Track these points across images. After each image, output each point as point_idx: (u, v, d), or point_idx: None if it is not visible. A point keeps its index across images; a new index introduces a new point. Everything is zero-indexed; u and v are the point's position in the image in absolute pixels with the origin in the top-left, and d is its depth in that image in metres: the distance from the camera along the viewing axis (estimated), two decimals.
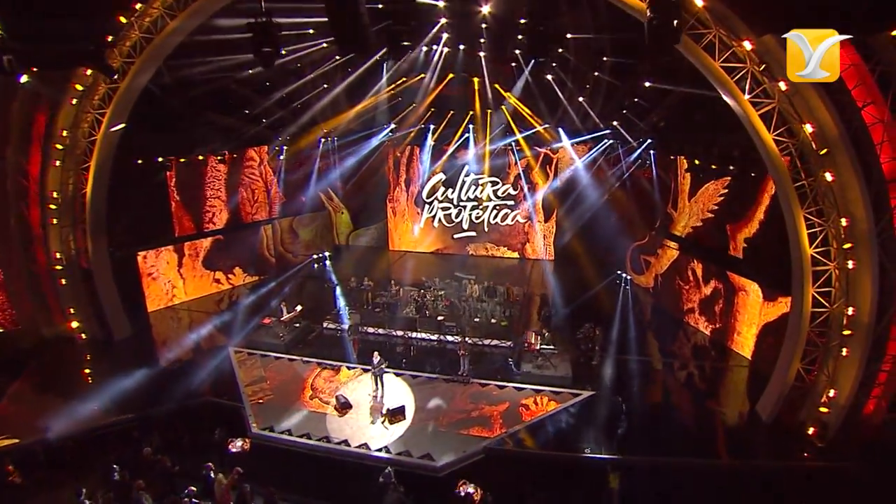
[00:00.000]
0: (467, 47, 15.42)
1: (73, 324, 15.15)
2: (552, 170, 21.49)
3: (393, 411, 11.95)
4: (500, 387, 13.18)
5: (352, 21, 9.89)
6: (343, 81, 17.50)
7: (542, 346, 13.84)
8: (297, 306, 15.98)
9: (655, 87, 13.57)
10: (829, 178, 9.62)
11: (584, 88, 15.93)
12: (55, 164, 14.09)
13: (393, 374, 13.28)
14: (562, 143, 20.06)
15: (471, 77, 17.55)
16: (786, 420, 11.37)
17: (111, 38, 12.26)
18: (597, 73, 14.50)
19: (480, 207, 22.68)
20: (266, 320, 15.82)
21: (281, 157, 20.77)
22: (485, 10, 13.05)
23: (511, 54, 15.09)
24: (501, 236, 22.96)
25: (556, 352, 13.84)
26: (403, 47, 11.26)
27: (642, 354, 14.70)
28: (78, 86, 13.23)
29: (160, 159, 16.67)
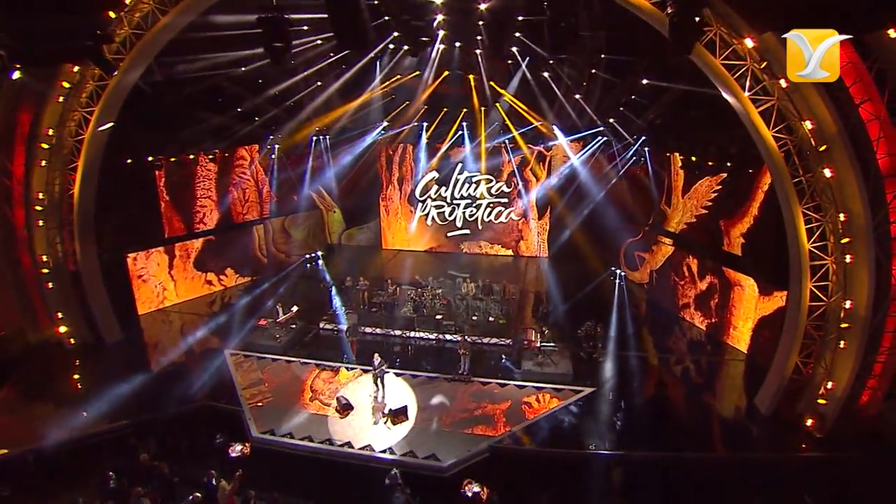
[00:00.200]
0: (464, 44, 15.33)
1: (61, 328, 14.70)
2: (546, 167, 21.53)
3: (395, 412, 11.85)
4: (501, 385, 13.18)
5: (352, 17, 9.76)
6: (337, 79, 17.28)
7: (542, 343, 13.87)
8: (293, 307, 15.76)
9: (653, 84, 13.65)
10: (828, 174, 9.78)
11: (581, 86, 15.96)
12: (41, 164, 13.64)
13: (393, 374, 13.18)
14: (557, 141, 20.11)
15: (466, 74, 17.47)
16: (784, 412, 11.57)
17: (99, 33, 11.86)
18: (594, 71, 14.54)
19: (474, 205, 22.63)
20: (262, 322, 15.57)
21: (273, 156, 20.46)
22: (482, 6, 12.96)
23: (508, 51, 15.05)
24: (495, 234, 22.94)
25: (556, 349, 13.87)
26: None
27: (640, 350, 14.84)
28: (65, 83, 12.81)
29: (150, 159, 16.27)
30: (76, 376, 14.15)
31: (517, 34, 13.81)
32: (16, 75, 10.76)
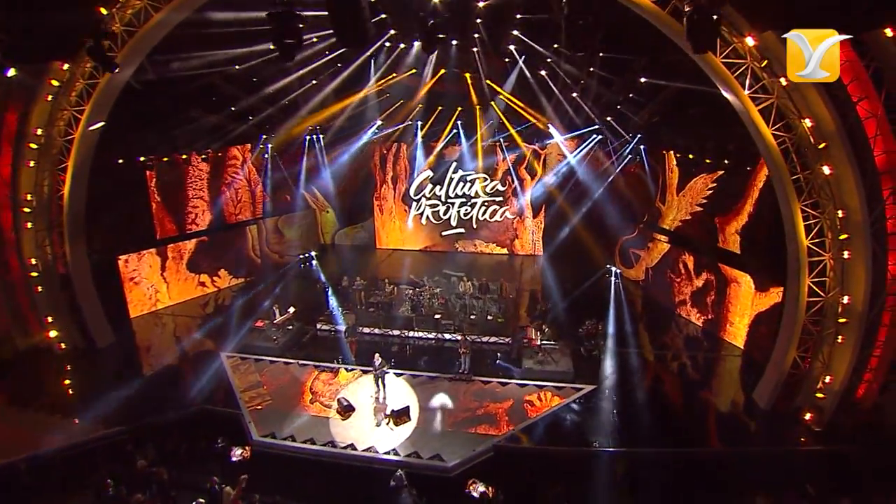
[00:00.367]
0: (460, 42, 15.25)
1: (52, 333, 14.35)
2: (541, 166, 21.55)
3: (398, 412, 11.75)
4: (502, 384, 13.16)
5: (353, 13, 9.61)
6: (332, 77, 17.08)
7: (542, 341, 13.88)
8: (289, 308, 15.58)
9: (650, 82, 13.72)
10: (826, 171, 9.90)
11: (578, 84, 15.98)
12: (29, 164, 13.29)
13: (393, 374, 13.09)
14: (552, 139, 20.14)
15: (462, 73, 17.39)
16: (782, 407, 11.72)
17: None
18: (592, 69, 14.57)
19: (469, 204, 22.58)
20: (259, 323, 15.36)
21: (266, 155, 20.19)
22: (481, 3, 12.91)
23: (505, 49, 15.01)
24: (490, 233, 22.92)
25: (556, 347, 13.90)
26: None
27: (638, 347, 14.90)
28: (54, 81, 12.48)
29: (142, 158, 15.93)
30: (67, 381, 13.84)
31: (515, 31, 13.79)
32: (11, 72, 10.42)
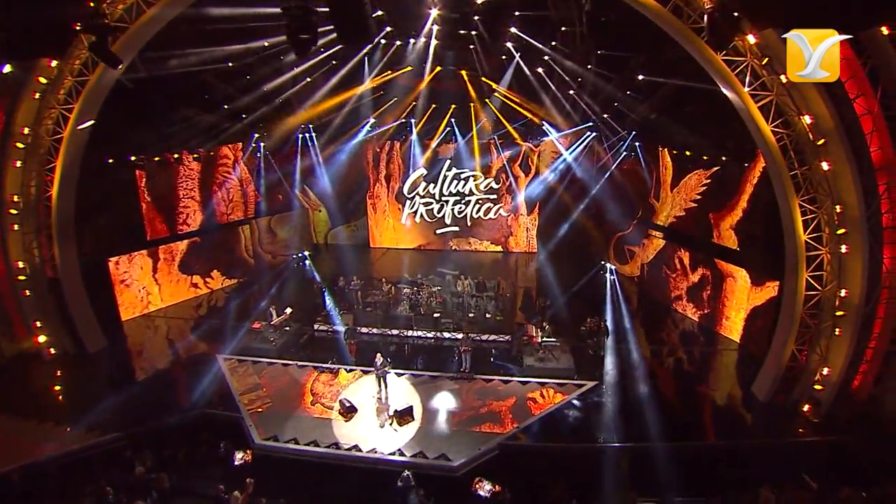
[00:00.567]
0: (458, 39, 15.15)
1: (41, 338, 13.95)
2: (534, 163, 21.58)
3: (401, 412, 11.68)
4: (504, 382, 13.16)
5: (355, 10, 9.49)
6: (326, 75, 16.87)
7: (543, 338, 13.90)
8: (286, 309, 15.37)
9: (647, 79, 13.82)
10: (825, 167, 10.07)
11: (576, 80, 16.02)
12: (15, 164, 12.88)
13: (395, 374, 13.01)
14: (547, 137, 20.18)
15: (459, 70, 17.30)
16: (780, 399, 11.91)
17: (79, 26, 11.23)
18: (589, 67, 14.62)
19: (463, 202, 22.52)
20: (256, 324, 15.13)
21: (258, 154, 19.88)
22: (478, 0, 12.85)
23: (502, 46, 14.98)
24: (484, 230, 22.89)
25: (557, 344, 13.94)
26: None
27: (637, 343, 14.98)
28: (41, 78, 12.09)
29: (133, 158, 15.54)
30: (58, 388, 13.49)
31: (513, 29, 13.77)
32: (7, 69, 10.06)
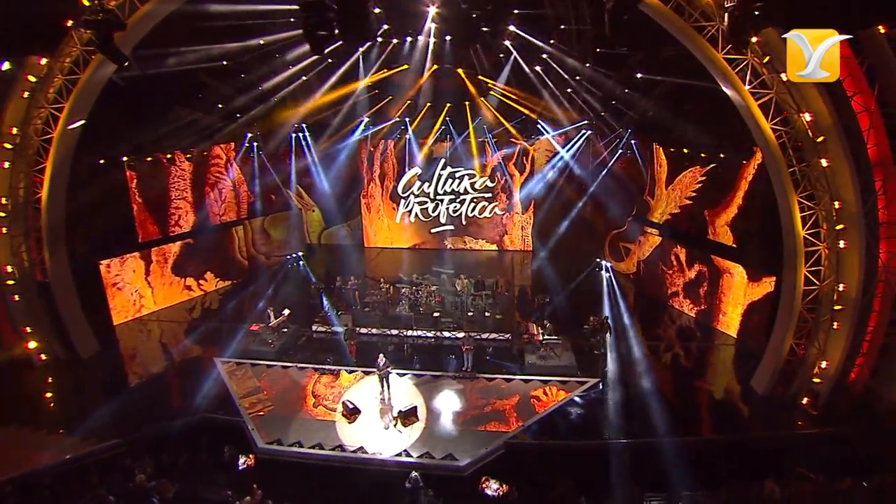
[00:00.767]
0: (455, 38, 15.09)
1: (31, 344, 13.59)
2: (529, 162, 21.62)
3: (405, 413, 11.61)
4: (507, 380, 13.16)
5: (358, 6, 9.36)
6: (321, 74, 16.67)
7: (544, 336, 13.94)
8: (283, 310, 15.18)
9: (645, 77, 13.92)
10: (824, 163, 10.23)
11: (574, 78, 16.05)
12: (3, 165, 12.49)
13: (397, 374, 12.93)
14: (542, 136, 20.21)
15: (456, 68, 17.23)
16: (779, 393, 12.10)
17: (70, 22, 10.95)
18: (588, 65, 14.66)
19: (458, 201, 22.47)
20: (254, 327, 14.92)
21: (251, 154, 19.59)
22: None
23: (500, 44, 14.95)
24: (479, 229, 22.88)
25: (558, 342, 13.98)
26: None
27: (637, 339, 15.12)
28: (30, 77, 11.74)
29: (125, 159, 15.18)
30: (51, 395, 13.17)
31: (511, 27, 13.74)
32: (5, 66, 9.73)
